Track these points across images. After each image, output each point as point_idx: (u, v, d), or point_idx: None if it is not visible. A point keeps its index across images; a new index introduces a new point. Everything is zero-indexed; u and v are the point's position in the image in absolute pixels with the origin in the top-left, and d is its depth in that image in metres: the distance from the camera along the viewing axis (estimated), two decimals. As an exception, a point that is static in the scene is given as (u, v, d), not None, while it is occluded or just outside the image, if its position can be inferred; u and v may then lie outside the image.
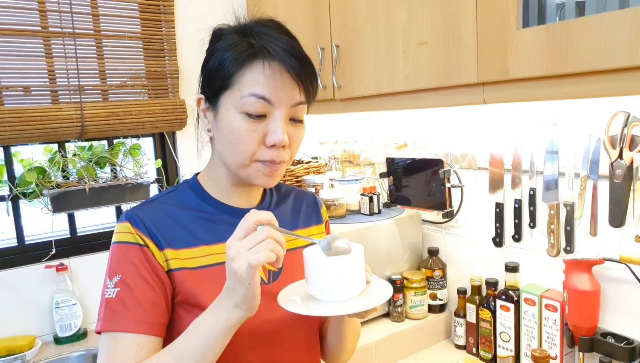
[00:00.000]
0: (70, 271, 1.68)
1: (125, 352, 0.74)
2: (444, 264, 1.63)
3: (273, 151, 0.79)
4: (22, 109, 1.52)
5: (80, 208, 1.61)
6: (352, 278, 0.74)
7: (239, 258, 0.67)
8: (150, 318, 0.77)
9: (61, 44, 1.61)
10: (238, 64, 0.77)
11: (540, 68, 0.98)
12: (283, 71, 0.77)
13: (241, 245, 0.68)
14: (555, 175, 1.30)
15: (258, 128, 0.78)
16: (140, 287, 0.77)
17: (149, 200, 0.87)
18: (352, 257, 0.74)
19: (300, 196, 1.01)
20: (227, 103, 0.79)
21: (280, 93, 0.77)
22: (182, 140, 1.89)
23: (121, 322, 0.75)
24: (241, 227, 0.69)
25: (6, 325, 1.59)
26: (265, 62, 0.77)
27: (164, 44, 1.78)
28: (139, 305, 0.76)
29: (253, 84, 0.77)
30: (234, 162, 0.81)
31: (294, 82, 0.78)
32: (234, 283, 0.69)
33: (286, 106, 0.79)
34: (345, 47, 1.48)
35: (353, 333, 0.97)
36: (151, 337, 0.76)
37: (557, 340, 1.27)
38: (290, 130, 0.81)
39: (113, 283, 0.78)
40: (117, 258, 0.79)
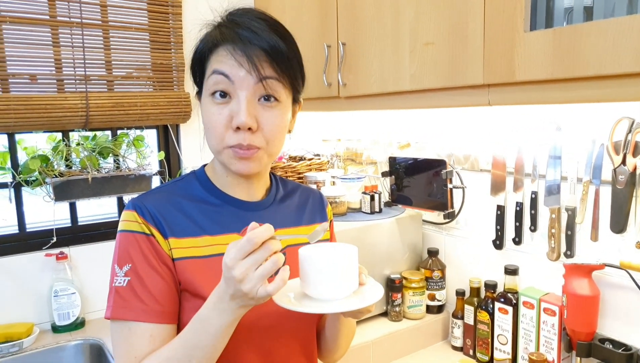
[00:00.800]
0: (70, 260, 1.69)
1: (140, 342, 0.76)
2: (444, 265, 1.63)
3: (239, 135, 0.78)
4: (27, 97, 1.53)
5: (82, 197, 1.61)
6: (344, 277, 0.75)
7: (248, 281, 0.67)
8: (162, 307, 0.78)
9: (69, 34, 1.61)
10: (207, 50, 0.81)
11: (547, 71, 0.98)
12: (237, 51, 0.78)
13: (247, 264, 0.67)
14: (558, 180, 1.30)
15: (224, 111, 0.79)
16: (151, 277, 0.78)
17: (155, 189, 0.88)
18: (345, 256, 0.75)
19: (307, 193, 1.01)
20: (204, 90, 0.82)
21: (238, 71, 0.78)
22: (186, 133, 1.89)
23: (133, 311, 0.77)
24: (241, 248, 0.67)
25: (5, 311, 1.60)
26: (227, 44, 0.79)
27: (171, 37, 1.78)
28: (150, 294, 0.78)
29: (214, 64, 0.79)
30: (211, 148, 0.83)
31: (249, 61, 0.77)
32: (241, 298, 0.69)
33: (247, 85, 0.78)
34: (351, 45, 1.48)
35: (348, 332, 0.98)
36: (164, 325, 0.78)
37: (555, 344, 1.27)
38: (259, 112, 0.80)
39: (123, 272, 0.78)
40: (125, 247, 0.80)
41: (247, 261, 0.67)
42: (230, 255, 0.68)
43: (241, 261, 0.67)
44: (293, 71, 0.83)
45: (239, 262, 0.67)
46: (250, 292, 0.67)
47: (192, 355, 0.73)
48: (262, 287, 0.67)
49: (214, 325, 0.72)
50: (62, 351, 1.57)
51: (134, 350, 0.76)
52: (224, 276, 0.69)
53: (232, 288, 0.68)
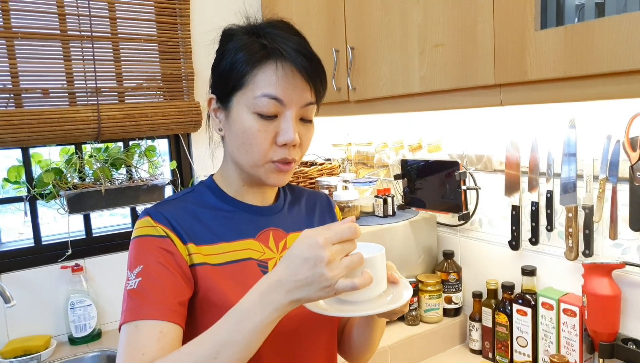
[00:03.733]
0: (86, 272, 1.70)
1: (147, 339, 0.71)
2: (460, 267, 1.61)
3: (284, 150, 0.80)
4: (40, 111, 1.54)
5: (96, 209, 1.62)
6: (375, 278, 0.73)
7: (335, 266, 0.64)
8: (173, 306, 0.75)
9: (79, 47, 1.63)
10: (251, 64, 0.78)
11: (559, 70, 0.96)
12: (295, 71, 0.78)
13: (337, 249, 0.65)
14: (573, 177, 1.28)
15: (269, 128, 0.79)
16: (162, 275, 0.76)
17: (168, 199, 0.88)
18: (375, 257, 0.74)
19: (314, 196, 1.02)
20: (240, 103, 0.80)
21: (292, 94, 0.79)
22: (197, 142, 1.90)
23: (143, 310, 0.73)
24: (342, 233, 0.65)
25: (22, 324, 1.61)
26: (278, 63, 0.78)
27: (180, 47, 1.79)
28: (161, 291, 0.75)
29: (266, 85, 0.78)
30: (246, 162, 0.82)
31: (305, 83, 0.79)
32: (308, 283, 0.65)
33: (297, 106, 0.80)
34: (360, 49, 1.48)
35: (381, 332, 0.97)
36: (174, 324, 0.74)
37: (576, 345, 1.24)
38: (300, 129, 0.82)
39: (134, 274, 0.77)
40: (137, 251, 0.79)
41: (338, 247, 0.65)
42: (324, 234, 0.64)
43: (333, 245, 0.64)
44: (325, 89, 0.85)
45: (331, 246, 0.64)
46: (333, 279, 0.63)
47: (218, 352, 0.66)
48: (346, 280, 0.64)
49: (254, 319, 0.66)
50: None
51: (141, 347, 0.71)
52: (300, 257, 0.65)
53: (310, 266, 0.64)
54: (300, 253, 0.65)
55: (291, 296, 0.66)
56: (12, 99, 1.54)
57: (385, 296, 0.75)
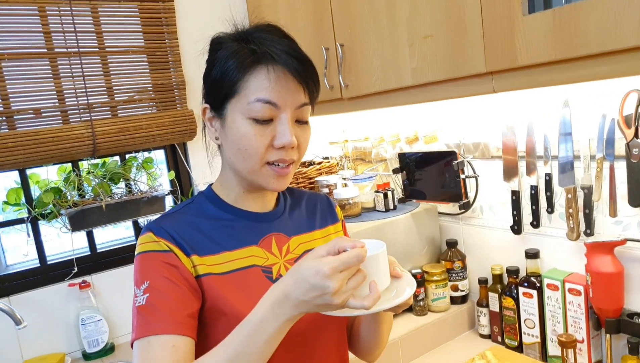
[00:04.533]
0: (93, 288, 1.70)
1: (160, 354, 0.72)
2: (464, 255, 1.62)
3: (281, 152, 0.81)
4: (34, 132, 1.54)
5: (98, 225, 1.63)
6: (377, 275, 0.74)
7: (342, 293, 0.67)
8: (182, 318, 0.76)
9: (67, 64, 1.62)
10: (242, 71, 0.79)
11: (549, 53, 0.97)
12: (287, 74, 0.79)
13: (343, 277, 0.67)
14: (570, 157, 1.29)
15: (266, 132, 0.80)
16: (169, 289, 0.77)
17: (168, 212, 0.88)
18: (375, 254, 0.74)
19: (314, 198, 1.03)
20: (234, 110, 0.81)
21: (286, 96, 0.79)
22: (194, 150, 1.90)
23: (153, 325, 0.74)
24: (348, 263, 0.67)
25: (35, 344, 1.62)
26: (269, 67, 0.78)
27: (169, 56, 1.79)
28: (169, 306, 0.76)
29: (258, 90, 0.78)
30: (244, 168, 0.83)
31: (298, 85, 0.80)
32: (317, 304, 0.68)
33: (292, 108, 0.81)
34: (349, 45, 1.48)
35: (388, 327, 0.98)
36: (186, 337, 0.75)
37: (583, 323, 1.26)
38: (297, 131, 0.83)
39: (142, 291, 0.77)
40: (142, 267, 0.79)
41: (344, 274, 0.67)
42: (331, 264, 0.66)
43: (339, 273, 0.66)
44: (318, 89, 0.86)
45: (337, 274, 0.66)
46: (341, 304, 0.67)
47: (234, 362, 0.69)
48: (355, 300, 0.68)
49: (268, 330, 0.69)
50: (95, 378, 1.59)
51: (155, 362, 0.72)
52: (307, 282, 0.66)
53: (317, 294, 0.66)
54: (307, 277, 0.66)
55: (300, 309, 0.69)
56: (5, 121, 1.53)
57: (389, 292, 0.77)
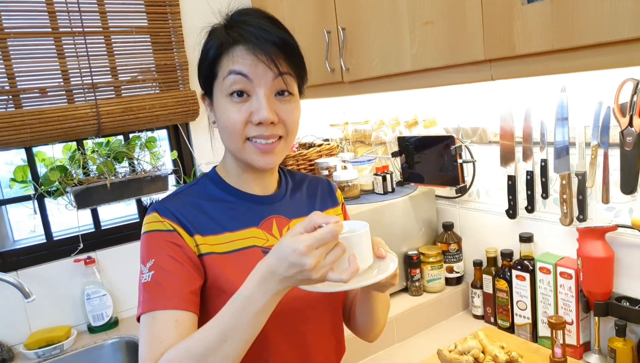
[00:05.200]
0: (98, 264, 1.75)
1: (164, 327, 0.77)
2: (459, 238, 1.66)
3: (260, 128, 0.83)
4: (40, 111, 1.57)
5: (102, 203, 1.66)
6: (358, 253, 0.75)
7: (319, 269, 0.68)
8: (185, 295, 0.80)
9: (72, 44, 1.64)
10: (218, 51, 0.83)
11: (547, 43, 0.98)
12: (256, 49, 0.81)
13: (319, 253, 0.68)
14: (566, 143, 1.31)
15: (242, 108, 0.83)
16: (173, 267, 0.81)
17: (173, 193, 0.92)
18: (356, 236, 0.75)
19: (315, 182, 1.05)
20: (217, 91, 0.85)
21: (256, 70, 0.81)
22: (196, 130, 1.93)
23: (158, 300, 0.78)
24: (322, 239, 0.68)
25: (43, 317, 1.68)
26: (238, 46, 0.82)
27: (172, 37, 1.80)
28: (173, 283, 0.80)
29: (229, 65, 0.82)
30: (230, 147, 0.86)
31: (266, 59, 0.81)
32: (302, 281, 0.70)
33: (265, 81, 0.82)
34: (351, 29, 1.49)
35: (383, 306, 1.00)
36: (188, 312, 0.79)
37: (573, 306, 1.30)
38: (277, 106, 0.84)
39: (147, 268, 0.81)
40: (148, 245, 0.83)
41: (320, 250, 0.68)
42: (306, 242, 0.67)
43: (315, 250, 0.67)
44: (302, 65, 0.87)
45: (313, 251, 0.67)
46: (320, 278, 0.68)
47: (227, 335, 0.71)
48: (334, 274, 0.69)
49: (257, 303, 0.71)
50: (100, 350, 1.65)
51: (159, 336, 0.76)
52: (286, 260, 0.68)
53: (295, 272, 0.68)
54: (286, 255, 0.68)
55: (285, 284, 0.71)
56: (11, 100, 1.56)
57: (371, 271, 0.79)
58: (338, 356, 1.01)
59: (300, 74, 0.88)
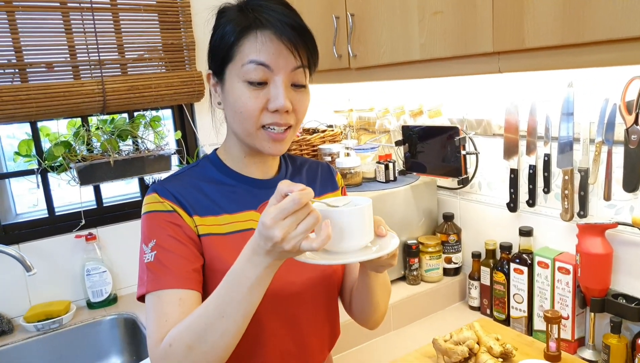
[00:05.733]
0: (99, 241, 1.77)
1: (169, 306, 0.79)
2: (459, 229, 1.67)
3: (276, 115, 0.83)
4: (46, 85, 1.56)
5: (105, 180, 1.67)
6: (358, 229, 0.74)
7: (289, 239, 0.67)
8: (188, 274, 0.81)
9: (79, 19, 1.63)
10: (236, 35, 0.82)
11: (557, 37, 0.98)
12: (278, 37, 0.81)
13: (288, 223, 0.66)
14: (570, 137, 1.30)
15: (260, 95, 0.83)
16: (175, 247, 0.82)
17: (173, 175, 0.93)
18: (358, 208, 0.74)
19: (315, 166, 1.06)
20: (231, 74, 0.84)
21: (278, 59, 0.81)
22: (200, 112, 1.93)
23: (162, 280, 0.80)
24: (286, 209, 0.66)
25: (43, 291, 1.69)
26: (261, 31, 0.81)
27: (179, 16, 1.79)
28: (176, 262, 0.81)
29: (251, 52, 0.81)
30: (241, 131, 0.86)
31: (290, 48, 0.82)
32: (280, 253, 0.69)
33: (285, 71, 0.82)
34: (360, 16, 1.48)
35: (382, 290, 0.98)
36: (192, 291, 0.81)
37: (569, 301, 1.31)
38: (292, 95, 0.85)
39: (149, 248, 0.83)
40: (149, 226, 0.85)
41: (288, 221, 0.66)
42: (271, 214, 0.66)
43: (282, 221, 0.66)
44: (317, 55, 0.88)
45: (280, 222, 0.66)
46: (293, 249, 0.67)
47: (224, 311, 0.72)
48: (306, 242, 0.67)
49: (249, 277, 0.71)
50: (99, 325, 1.67)
51: (165, 314, 0.78)
52: (260, 234, 0.68)
53: (270, 245, 0.68)
54: (259, 230, 0.69)
55: (272, 257, 0.70)
56: (18, 74, 1.55)
57: (371, 247, 0.78)
58: (332, 339, 1.02)
59: (314, 63, 0.88)
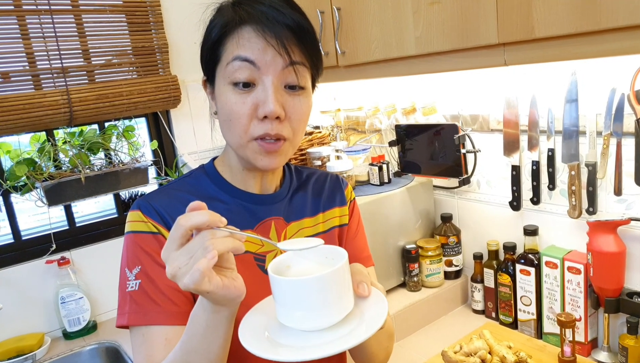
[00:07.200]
0: (73, 264, 1.63)
1: (154, 346, 0.73)
2: (458, 230, 1.60)
3: (266, 124, 0.72)
4: (2, 98, 1.42)
5: (77, 198, 1.53)
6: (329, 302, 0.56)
7: (180, 275, 0.56)
8: (177, 307, 0.74)
9: (38, 23, 1.48)
10: (221, 32, 0.73)
11: (570, 25, 0.91)
12: (266, 31, 0.70)
13: (178, 257, 0.57)
14: (576, 128, 1.24)
15: (247, 100, 0.72)
16: (161, 276, 0.74)
17: (162, 187, 0.83)
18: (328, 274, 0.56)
19: (323, 178, 0.96)
20: (219, 78, 0.74)
21: (264, 55, 0.70)
22: (177, 118, 1.80)
23: (148, 315, 0.73)
24: (172, 237, 0.57)
25: (12, 324, 1.55)
26: (246, 27, 0.71)
27: (149, 16, 1.66)
28: (162, 295, 0.74)
29: (235, 48, 0.71)
30: (232, 142, 0.76)
31: (279, 43, 0.70)
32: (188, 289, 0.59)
33: (275, 70, 0.71)
34: (347, 9, 1.39)
35: (377, 344, 0.86)
36: (180, 327, 0.73)
37: (581, 302, 1.25)
38: (286, 100, 0.73)
39: (134, 275, 0.75)
40: (132, 249, 0.76)
41: (178, 253, 0.57)
42: (166, 246, 0.58)
43: (173, 252, 0.57)
44: (318, 54, 0.77)
45: (171, 254, 0.57)
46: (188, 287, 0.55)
47: (188, 361, 0.65)
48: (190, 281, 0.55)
49: (201, 323, 0.63)
50: (78, 357, 1.54)
51: (150, 355, 0.72)
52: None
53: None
54: None
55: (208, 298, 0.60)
56: (-30, 86, 1.40)
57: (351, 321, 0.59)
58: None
59: (315, 65, 0.77)
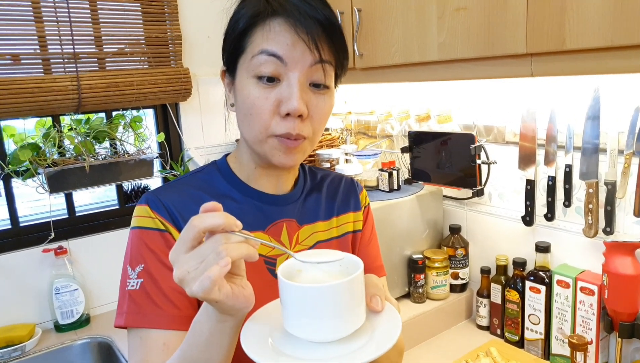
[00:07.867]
0: (70, 255, 1.58)
1: (151, 352, 0.69)
2: (467, 242, 1.56)
3: (289, 122, 0.69)
4: (11, 80, 1.38)
5: (79, 187, 1.49)
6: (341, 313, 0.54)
7: (189, 280, 0.53)
8: (179, 311, 0.71)
9: (52, 7, 1.45)
10: (249, 22, 0.70)
11: (605, 38, 0.88)
12: (294, 27, 0.68)
13: (188, 261, 0.54)
14: (596, 146, 1.21)
15: (271, 95, 0.69)
16: (165, 277, 0.71)
17: (172, 182, 0.80)
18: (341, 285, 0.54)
19: (338, 180, 0.92)
20: (242, 69, 0.71)
21: (293, 51, 0.68)
22: (186, 112, 1.77)
23: (147, 317, 0.70)
24: (183, 238, 0.54)
25: (3, 313, 1.50)
26: (275, 19, 0.68)
27: (165, 7, 1.63)
28: (164, 297, 0.70)
29: (263, 41, 0.68)
30: (250, 137, 0.73)
31: (308, 39, 0.68)
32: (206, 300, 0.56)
33: (302, 67, 0.69)
34: (368, 11, 1.36)
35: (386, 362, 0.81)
36: (178, 332, 0.70)
37: (593, 324, 1.22)
38: (310, 98, 0.71)
39: (136, 274, 0.71)
40: (137, 245, 0.73)
41: (188, 256, 0.54)
42: (175, 248, 0.55)
43: (183, 255, 0.54)
44: (346, 53, 0.74)
45: (180, 256, 0.54)
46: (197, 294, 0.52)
47: None
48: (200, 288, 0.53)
49: (204, 331, 0.60)
50: (68, 351, 1.49)
51: (147, 358, 0.69)
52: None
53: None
54: None
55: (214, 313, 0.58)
56: (-23, 66, 1.37)
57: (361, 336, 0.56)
58: None
59: (342, 64, 0.74)
